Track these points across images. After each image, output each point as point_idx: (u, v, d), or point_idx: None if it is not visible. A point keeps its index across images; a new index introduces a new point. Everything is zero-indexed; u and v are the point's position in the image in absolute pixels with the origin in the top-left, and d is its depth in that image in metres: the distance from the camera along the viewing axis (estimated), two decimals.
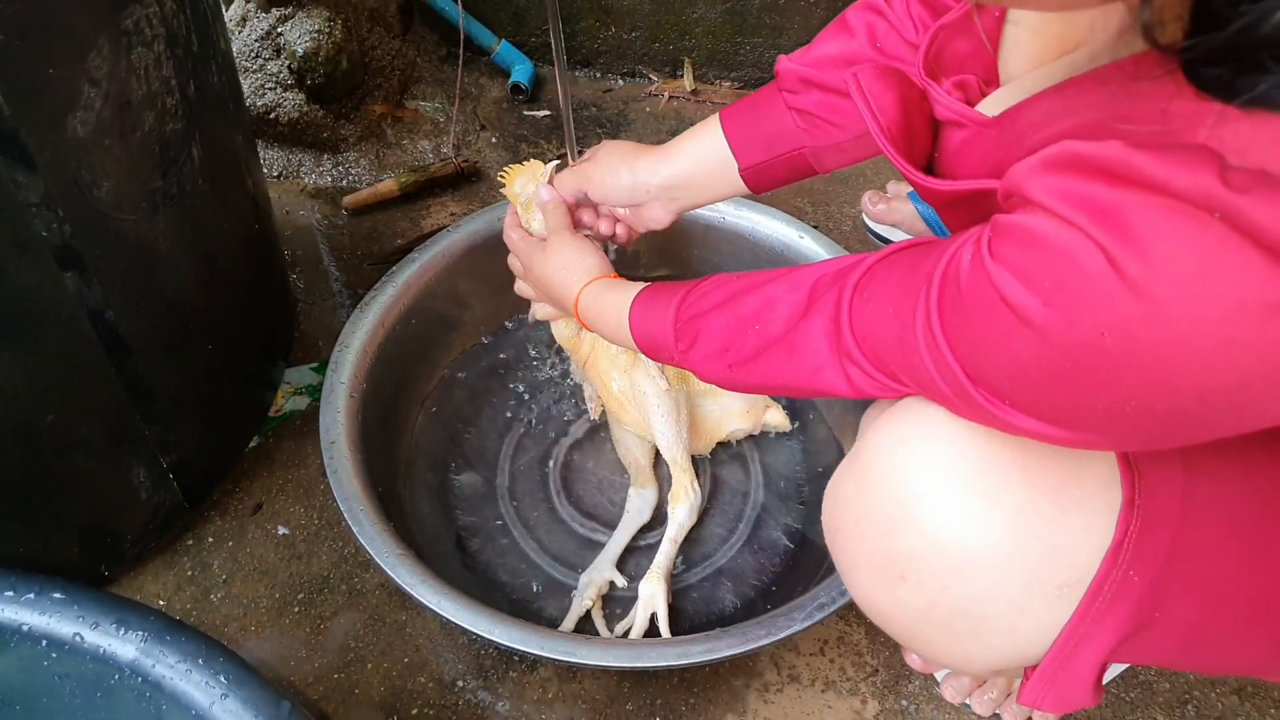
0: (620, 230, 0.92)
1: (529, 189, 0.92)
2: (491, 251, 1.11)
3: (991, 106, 0.57)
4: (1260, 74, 0.35)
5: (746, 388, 0.69)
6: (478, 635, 0.77)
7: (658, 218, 0.87)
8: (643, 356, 0.92)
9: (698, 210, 1.12)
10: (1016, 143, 0.50)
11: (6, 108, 0.62)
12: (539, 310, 0.95)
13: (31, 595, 0.54)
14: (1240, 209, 0.37)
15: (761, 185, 0.84)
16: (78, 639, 0.54)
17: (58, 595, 0.54)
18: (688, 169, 0.83)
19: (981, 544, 0.55)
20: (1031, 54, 0.57)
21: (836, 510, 0.64)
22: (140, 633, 0.54)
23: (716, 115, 0.83)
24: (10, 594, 0.54)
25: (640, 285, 0.78)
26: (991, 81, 0.60)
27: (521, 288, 0.95)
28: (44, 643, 0.54)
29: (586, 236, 0.90)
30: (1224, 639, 0.57)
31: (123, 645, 0.53)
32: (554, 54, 0.83)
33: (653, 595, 0.91)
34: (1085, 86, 0.48)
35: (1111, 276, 0.39)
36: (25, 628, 0.54)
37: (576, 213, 0.91)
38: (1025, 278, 0.43)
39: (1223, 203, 0.37)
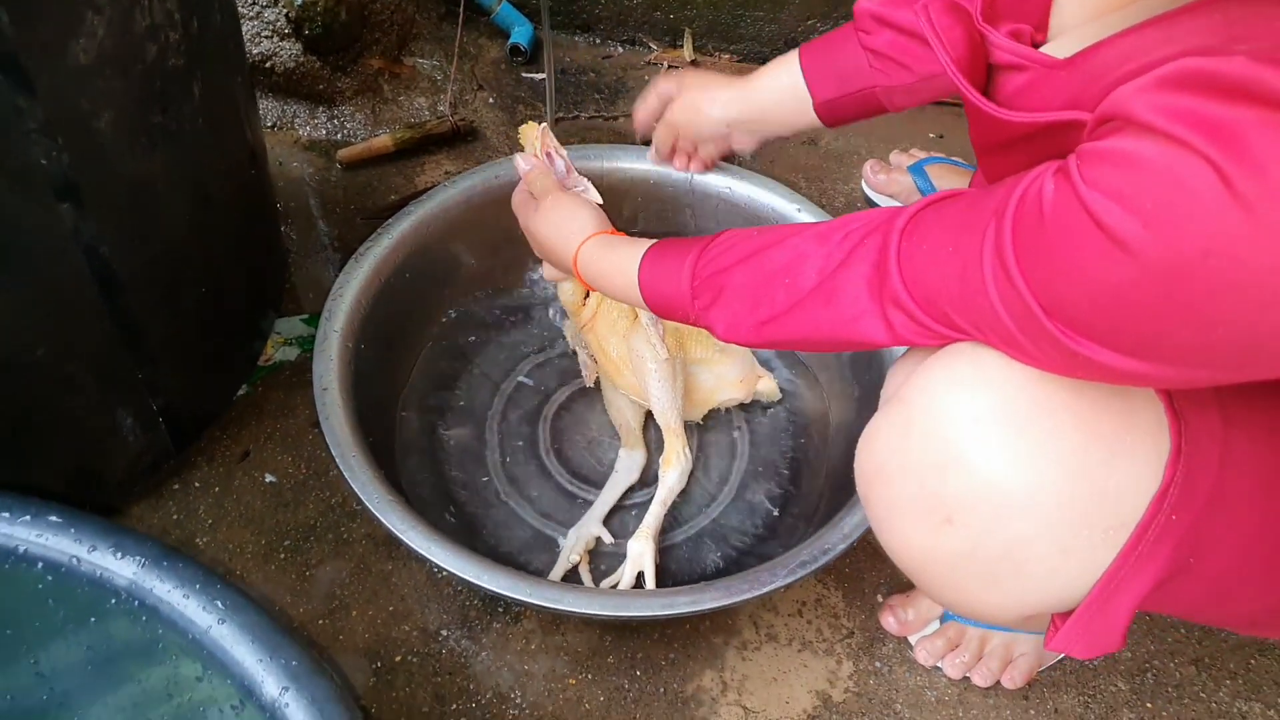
0: (695, 164, 1.04)
1: (535, 146, 0.92)
2: (487, 208, 1.11)
3: (1054, 52, 0.56)
4: None
5: (774, 343, 0.69)
6: (466, 581, 0.78)
7: (743, 145, 0.95)
8: (643, 321, 0.93)
9: (697, 178, 1.14)
10: (1094, 80, 0.49)
11: (10, 31, 0.62)
12: (546, 270, 0.95)
13: (28, 517, 0.54)
14: None
15: (835, 120, 0.89)
16: (74, 562, 0.54)
17: (54, 519, 0.55)
18: (767, 103, 0.89)
19: (1033, 487, 0.55)
20: (1087, 5, 0.57)
21: (877, 454, 0.63)
22: (137, 558, 0.54)
23: (796, 50, 0.88)
24: (6, 515, 0.54)
25: (646, 241, 0.77)
26: (1042, 31, 0.60)
27: (546, 270, 0.96)
28: (39, 565, 0.54)
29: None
30: (1244, 588, 0.58)
31: (119, 570, 0.54)
32: (542, 16, 0.86)
33: (641, 553, 0.92)
34: (1185, 17, 0.46)
35: (1223, 195, 0.39)
36: (21, 549, 0.54)
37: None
38: (1125, 201, 0.42)
39: None
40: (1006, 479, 0.56)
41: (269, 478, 1.04)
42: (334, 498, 1.02)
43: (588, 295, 0.99)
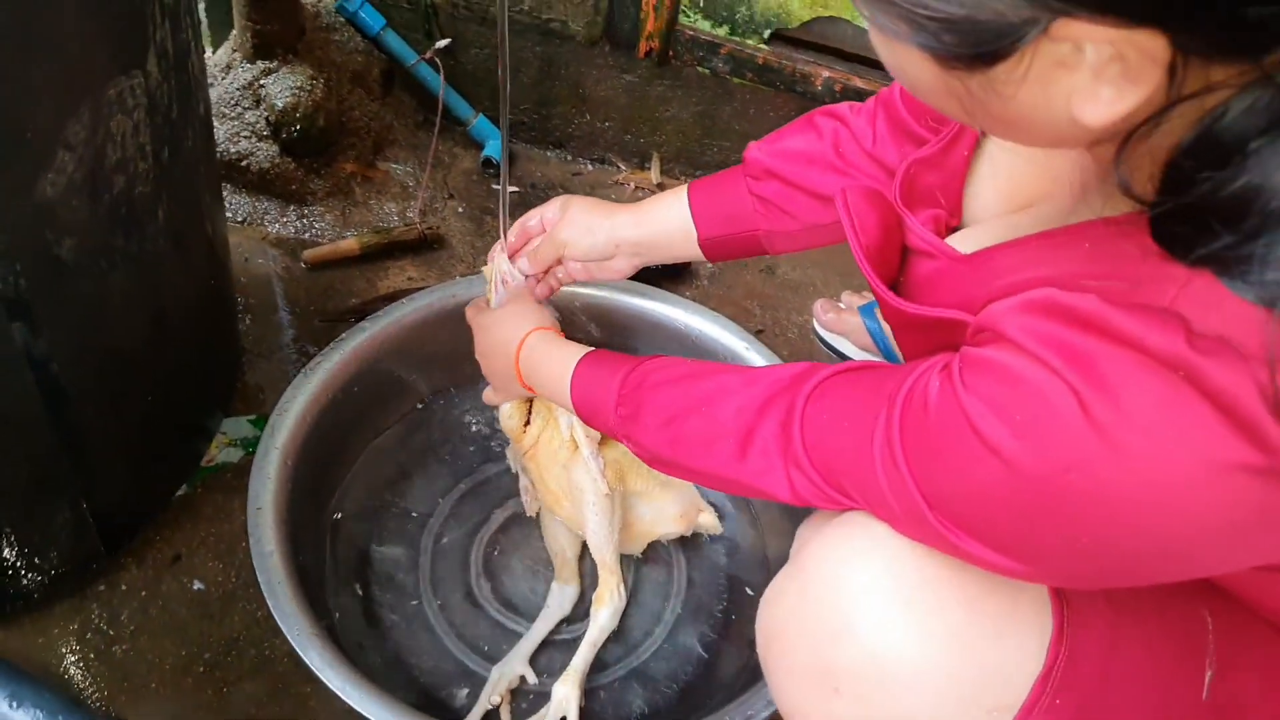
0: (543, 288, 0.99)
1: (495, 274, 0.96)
2: (442, 327, 1.13)
3: (961, 243, 0.61)
4: (1210, 236, 0.39)
5: (685, 472, 0.71)
6: None
7: (620, 269, 0.94)
8: (584, 454, 0.95)
9: (648, 307, 1.17)
10: (986, 282, 0.53)
11: None
12: (487, 394, 0.97)
13: None
14: (1204, 371, 0.40)
15: (716, 255, 0.92)
16: None
17: None
18: (657, 232, 0.91)
19: (919, 661, 0.57)
20: (997, 200, 0.62)
21: (776, 618, 0.64)
22: (35, 711, 0.53)
23: (686, 186, 0.91)
24: None
25: (586, 348, 0.81)
26: (956, 215, 0.65)
27: (488, 394, 0.98)
28: None
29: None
30: None
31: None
32: (501, 131, 0.89)
33: (565, 698, 0.91)
34: (1060, 241, 0.52)
35: (1081, 418, 0.42)
36: None
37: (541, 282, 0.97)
38: (998, 410, 0.46)
39: (1188, 364, 0.41)
40: (892, 651, 0.57)
41: (197, 585, 1.03)
42: (259, 610, 1.01)
43: (528, 423, 1.00)
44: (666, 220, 0.91)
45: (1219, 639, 0.59)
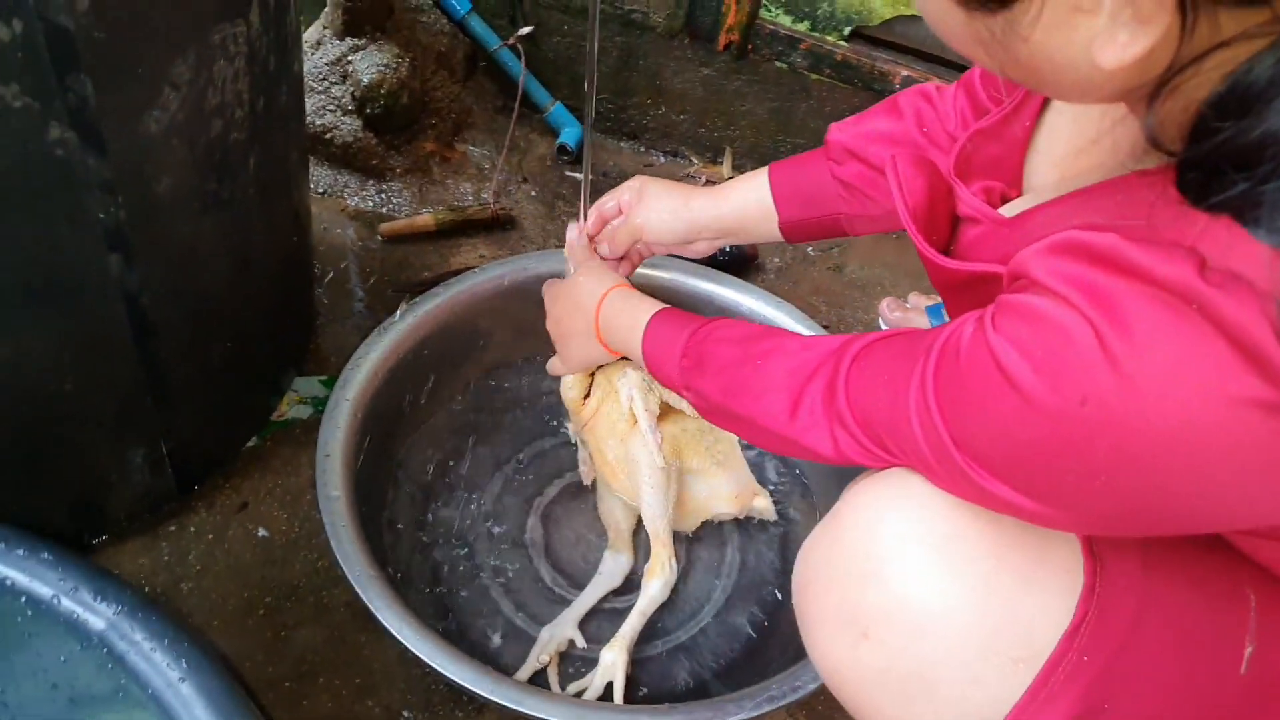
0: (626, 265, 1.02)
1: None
2: (513, 297, 1.15)
3: (1010, 211, 0.62)
4: (1227, 182, 0.41)
5: (732, 419, 0.73)
6: (432, 668, 0.79)
7: (699, 251, 0.96)
8: (642, 427, 0.96)
9: (717, 293, 1.18)
10: (1025, 240, 0.54)
11: (93, 98, 0.67)
12: (552, 364, 0.98)
13: (21, 552, 0.57)
14: (1215, 302, 0.41)
15: (796, 238, 0.92)
16: (56, 601, 0.56)
17: (46, 556, 0.57)
18: (737, 214, 0.92)
19: (946, 608, 0.57)
20: (1054, 172, 0.63)
21: (808, 565, 0.66)
22: (116, 605, 0.56)
23: (766, 167, 0.91)
24: (1, 545, 0.56)
25: (661, 304, 0.84)
26: (1016, 187, 0.65)
27: (553, 363, 1.00)
28: (24, 598, 0.56)
29: None
30: None
31: (98, 613, 0.56)
32: (586, 117, 0.91)
33: (612, 664, 0.92)
34: (1094, 194, 0.53)
35: (1096, 349, 0.44)
36: (9, 581, 0.56)
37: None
38: (1020, 346, 0.47)
39: (1200, 295, 0.41)
40: (920, 597, 0.58)
41: (262, 532, 1.06)
42: (321, 561, 1.04)
43: (588, 395, 1.01)
44: (746, 202, 0.92)
45: (1262, 617, 0.58)
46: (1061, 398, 0.45)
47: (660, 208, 0.93)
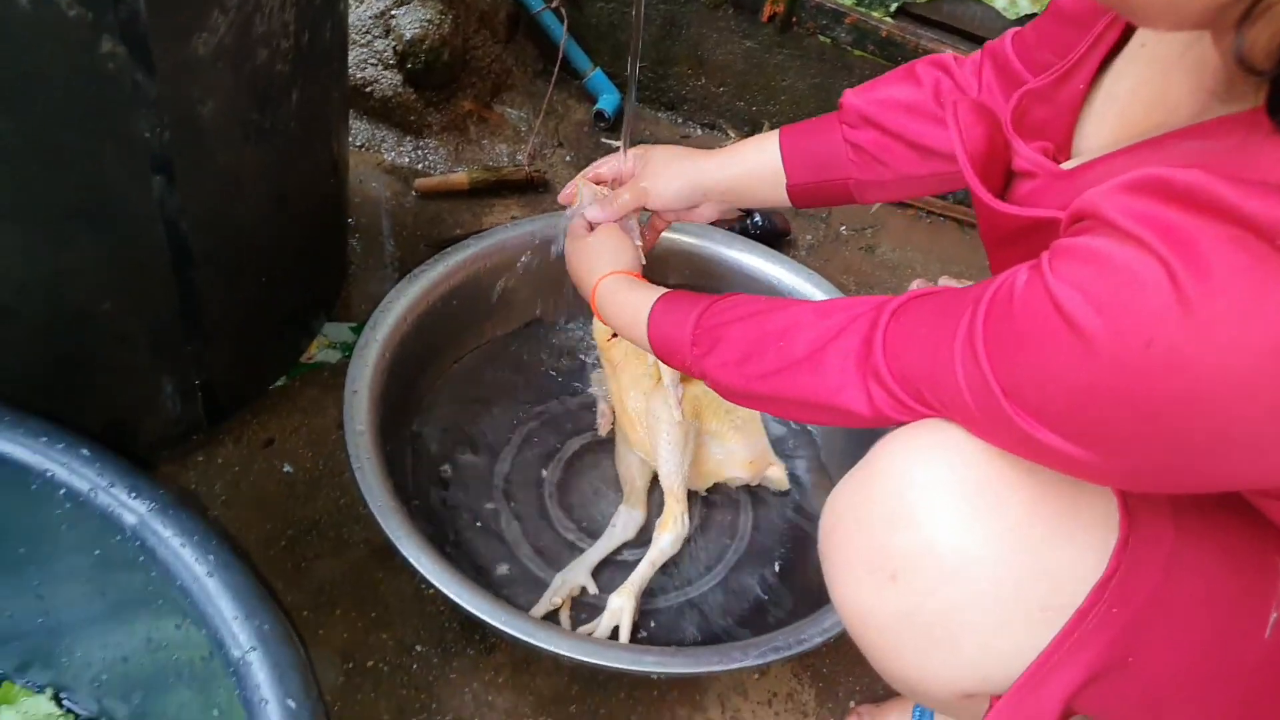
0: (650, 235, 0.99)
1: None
2: (542, 253, 1.16)
3: (1068, 166, 0.61)
4: None
5: (759, 399, 0.72)
6: (448, 599, 0.80)
7: (705, 215, 0.94)
8: (665, 382, 0.97)
9: (741, 260, 1.18)
10: (1087, 188, 0.53)
11: (145, 14, 0.68)
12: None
13: (62, 446, 0.58)
14: None
15: (804, 202, 0.90)
16: (93, 494, 0.57)
17: (84, 452, 0.59)
18: (742, 175, 0.90)
19: (975, 553, 0.57)
20: (1109, 134, 0.61)
21: (837, 509, 0.65)
22: (149, 501, 0.58)
23: (777, 130, 0.90)
24: (44, 439, 0.58)
25: (660, 289, 0.82)
26: (1065, 151, 0.64)
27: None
28: (62, 491, 0.58)
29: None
30: (1183, 703, 0.58)
31: (131, 509, 0.57)
32: (630, 82, 0.90)
33: (620, 608, 0.93)
34: (1168, 141, 0.52)
35: (1168, 291, 0.42)
36: (50, 473, 0.58)
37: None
38: (1084, 290, 0.46)
39: None
40: (949, 541, 0.58)
41: (287, 468, 1.08)
42: (343, 499, 1.06)
43: (615, 334, 1.02)
44: (755, 164, 0.90)
45: None
46: (1125, 340, 0.44)
47: (666, 171, 0.92)
